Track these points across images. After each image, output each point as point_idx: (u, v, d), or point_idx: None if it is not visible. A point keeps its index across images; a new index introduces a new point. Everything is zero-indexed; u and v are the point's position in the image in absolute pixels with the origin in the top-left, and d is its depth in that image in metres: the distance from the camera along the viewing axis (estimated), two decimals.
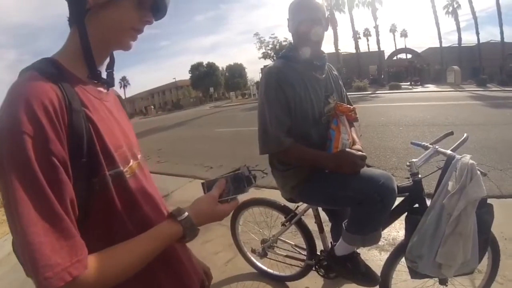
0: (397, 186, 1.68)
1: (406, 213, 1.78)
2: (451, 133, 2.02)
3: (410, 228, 1.69)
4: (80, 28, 0.80)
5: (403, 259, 1.81)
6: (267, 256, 2.60)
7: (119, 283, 0.72)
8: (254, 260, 2.80)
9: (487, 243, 1.67)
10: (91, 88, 0.85)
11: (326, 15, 1.81)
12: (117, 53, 0.94)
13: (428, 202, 1.70)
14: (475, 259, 1.59)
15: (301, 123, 1.79)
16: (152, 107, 62.29)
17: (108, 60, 0.93)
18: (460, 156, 1.58)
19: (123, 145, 0.87)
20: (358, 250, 2.02)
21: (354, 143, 1.92)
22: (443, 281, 1.84)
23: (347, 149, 1.75)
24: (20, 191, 0.60)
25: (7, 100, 0.67)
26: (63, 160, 0.67)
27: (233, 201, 0.95)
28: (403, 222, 1.79)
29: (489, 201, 1.65)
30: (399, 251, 1.86)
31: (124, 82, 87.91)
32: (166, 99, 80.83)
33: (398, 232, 3.01)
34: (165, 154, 9.70)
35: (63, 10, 0.84)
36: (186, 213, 0.83)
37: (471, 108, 12.24)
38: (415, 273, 1.73)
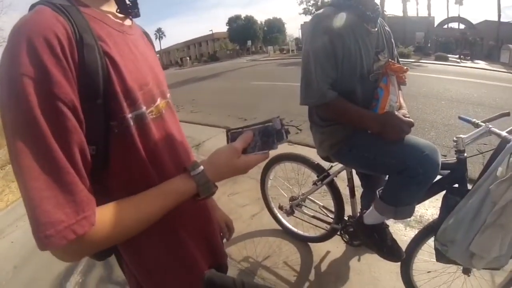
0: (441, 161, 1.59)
1: (444, 191, 1.68)
2: (508, 114, 1.84)
3: (446, 209, 1.60)
4: None
5: (430, 240, 1.75)
6: (294, 215, 2.61)
7: (138, 238, 0.70)
8: (280, 217, 2.83)
9: None
10: (109, 19, 0.77)
11: None
12: (151, 5, 0.88)
13: (469, 186, 1.59)
14: (508, 255, 1.49)
15: (347, 78, 1.69)
16: (188, 58, 62.03)
17: None
18: None
19: (149, 82, 0.80)
20: (387, 222, 1.98)
21: (401, 107, 1.82)
22: (466, 271, 1.78)
23: (395, 112, 1.66)
24: (21, 142, 0.55)
25: (9, 40, 0.59)
26: (72, 104, 0.59)
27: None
28: (433, 200, 1.73)
29: None
30: (429, 231, 1.79)
31: (160, 34, 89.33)
32: (202, 51, 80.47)
33: (427, 210, 2.96)
34: (198, 104, 9.80)
35: None
36: (201, 168, 0.76)
37: None
38: (442, 257, 1.65)
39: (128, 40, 0.80)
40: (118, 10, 0.79)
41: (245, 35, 55.90)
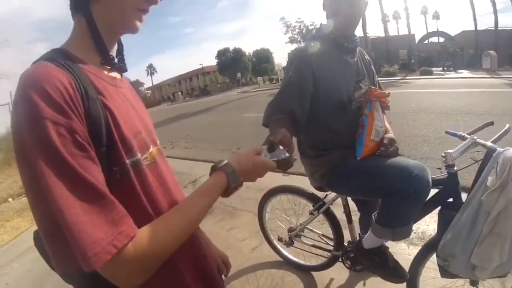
0: (431, 178, 1.61)
1: (439, 207, 1.70)
2: (491, 123, 1.87)
3: (443, 224, 1.61)
4: (86, 15, 0.78)
5: (433, 256, 1.74)
6: (294, 245, 2.59)
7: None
8: (280, 249, 2.79)
9: None
10: (104, 75, 0.82)
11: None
12: (142, 42, 0.94)
13: (464, 196, 1.61)
14: (511, 261, 1.49)
15: (327, 108, 1.74)
16: (180, 93, 63.03)
17: (116, 47, 0.90)
18: (503, 149, 1.46)
19: (142, 131, 0.85)
20: (386, 244, 1.97)
21: (387, 131, 1.85)
22: (474, 282, 1.75)
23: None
24: (52, 176, 0.59)
25: (20, 89, 0.64)
26: (87, 141, 0.65)
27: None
28: (434, 215, 1.73)
29: None
30: (429, 248, 1.79)
31: (151, 70, 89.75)
32: (193, 85, 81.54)
33: (428, 226, 2.93)
34: (192, 139, 9.84)
35: None
36: (226, 160, 0.85)
37: (509, 96, 11.69)
38: (445, 272, 1.64)
39: (120, 93, 0.85)
40: (102, 62, 0.83)
41: (235, 67, 56.57)
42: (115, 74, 0.89)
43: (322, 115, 1.74)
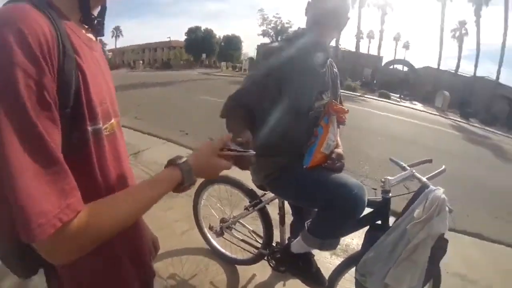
0: (367, 199, 1.68)
1: (367, 226, 1.78)
2: (430, 161, 2.00)
3: (368, 242, 1.70)
4: None
5: (352, 270, 1.82)
6: (223, 236, 2.59)
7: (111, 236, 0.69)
8: (210, 237, 2.79)
9: (433, 273, 1.68)
10: (82, 34, 0.78)
11: (349, 13, 1.76)
12: (113, 2, 0.88)
13: (391, 221, 1.70)
14: (419, 286, 1.59)
15: (282, 112, 1.73)
16: (141, 62, 60.93)
17: (99, 8, 0.86)
18: (434, 188, 1.57)
19: (107, 100, 0.82)
20: (312, 251, 2.04)
21: (337, 145, 1.91)
22: None
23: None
24: (9, 129, 0.54)
25: None
26: (54, 100, 0.61)
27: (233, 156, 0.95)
28: (360, 232, 1.80)
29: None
30: (351, 261, 1.88)
31: (117, 32, 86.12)
32: (157, 56, 78.85)
33: (353, 240, 3.08)
34: (144, 111, 9.51)
35: None
36: (185, 158, 0.84)
37: (451, 137, 12.58)
38: (360, 287, 1.74)
39: (94, 56, 0.82)
40: (81, 20, 0.79)
41: (202, 48, 55.46)
42: (90, 35, 0.85)
43: (279, 119, 1.73)
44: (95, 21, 0.85)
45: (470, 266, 3.10)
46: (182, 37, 61.70)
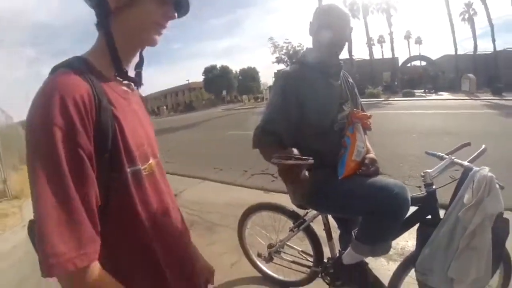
0: (410, 196, 1.64)
1: (418, 224, 1.73)
2: (468, 144, 1.95)
3: (421, 240, 1.64)
4: (105, 29, 0.84)
5: (412, 271, 1.75)
6: (273, 261, 2.56)
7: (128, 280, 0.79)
8: (260, 264, 2.77)
9: (500, 258, 1.61)
10: (118, 87, 0.89)
11: (351, 25, 1.78)
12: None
13: (442, 213, 1.65)
14: (488, 274, 1.51)
15: (308, 131, 1.76)
16: (165, 107, 62.74)
17: (137, 60, 0.96)
18: (478, 168, 1.52)
19: (144, 144, 0.91)
20: (366, 260, 1.98)
21: (368, 151, 1.90)
22: None
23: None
24: (42, 179, 0.64)
25: (41, 93, 0.71)
26: (89, 154, 0.71)
27: None
28: (412, 231, 1.75)
29: (504, 215, 1.58)
30: (408, 263, 1.81)
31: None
32: (178, 100, 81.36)
33: (407, 242, 2.95)
34: (174, 154, 9.73)
35: (84, 11, 0.89)
36: None
37: (487, 118, 12.03)
38: (424, 286, 1.66)
39: (130, 106, 0.92)
40: (115, 75, 0.89)
41: (221, 85, 56.42)
42: (128, 87, 0.95)
43: (306, 137, 1.75)
44: (134, 73, 0.96)
45: None
46: (200, 78, 63.75)
